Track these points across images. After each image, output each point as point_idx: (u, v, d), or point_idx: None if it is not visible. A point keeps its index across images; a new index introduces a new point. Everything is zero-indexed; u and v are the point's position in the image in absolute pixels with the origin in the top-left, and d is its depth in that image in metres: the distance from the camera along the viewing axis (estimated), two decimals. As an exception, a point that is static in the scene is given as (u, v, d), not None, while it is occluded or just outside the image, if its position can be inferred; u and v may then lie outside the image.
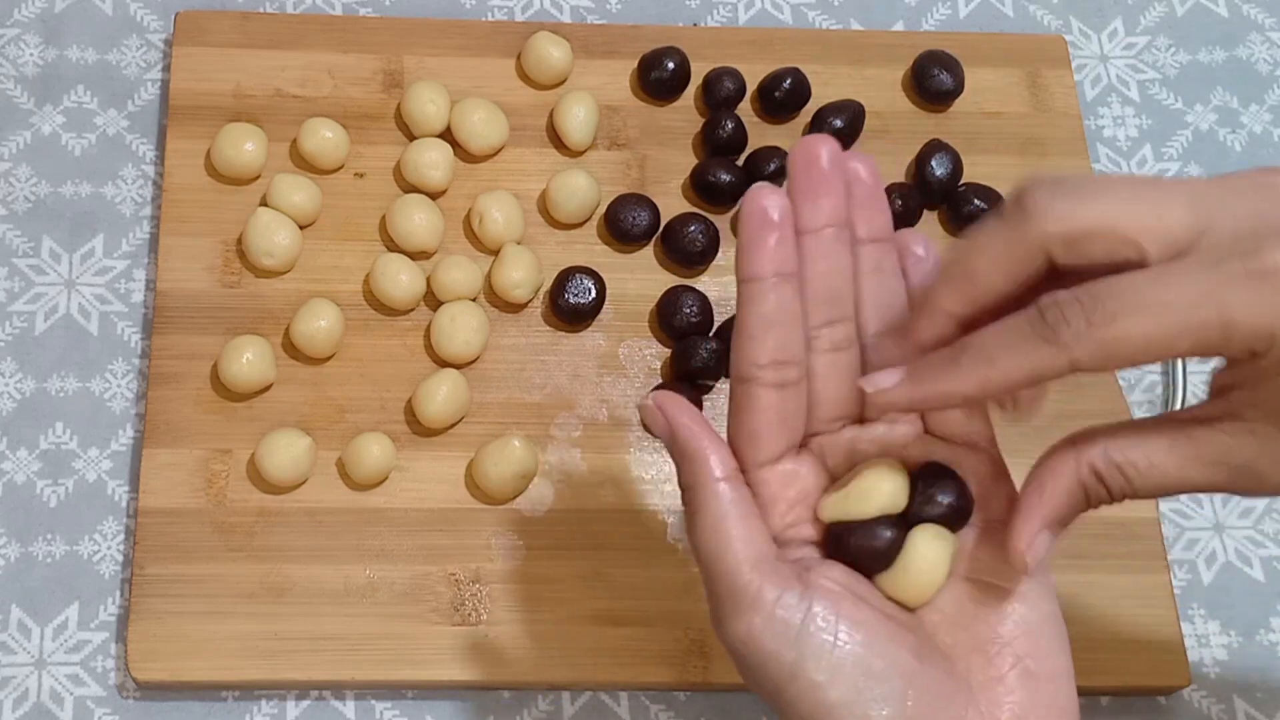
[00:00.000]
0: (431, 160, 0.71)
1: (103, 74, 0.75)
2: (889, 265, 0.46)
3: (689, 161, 0.74)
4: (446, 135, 0.72)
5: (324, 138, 0.71)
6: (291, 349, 0.68)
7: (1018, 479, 0.46)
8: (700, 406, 0.68)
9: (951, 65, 0.76)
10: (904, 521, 0.44)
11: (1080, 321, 0.39)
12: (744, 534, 0.44)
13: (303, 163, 0.72)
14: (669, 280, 0.71)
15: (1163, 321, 0.38)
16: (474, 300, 0.69)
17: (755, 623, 0.43)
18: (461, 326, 0.67)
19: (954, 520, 0.45)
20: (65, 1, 0.77)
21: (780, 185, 0.45)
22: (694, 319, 0.69)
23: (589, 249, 0.72)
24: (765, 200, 0.44)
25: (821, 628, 0.42)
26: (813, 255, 0.45)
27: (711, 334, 0.69)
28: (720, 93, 0.74)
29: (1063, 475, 0.43)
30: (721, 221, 0.72)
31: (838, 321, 0.46)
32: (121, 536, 0.66)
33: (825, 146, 0.45)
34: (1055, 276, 0.42)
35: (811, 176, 0.45)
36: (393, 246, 0.70)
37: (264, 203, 0.70)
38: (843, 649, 0.42)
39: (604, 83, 0.75)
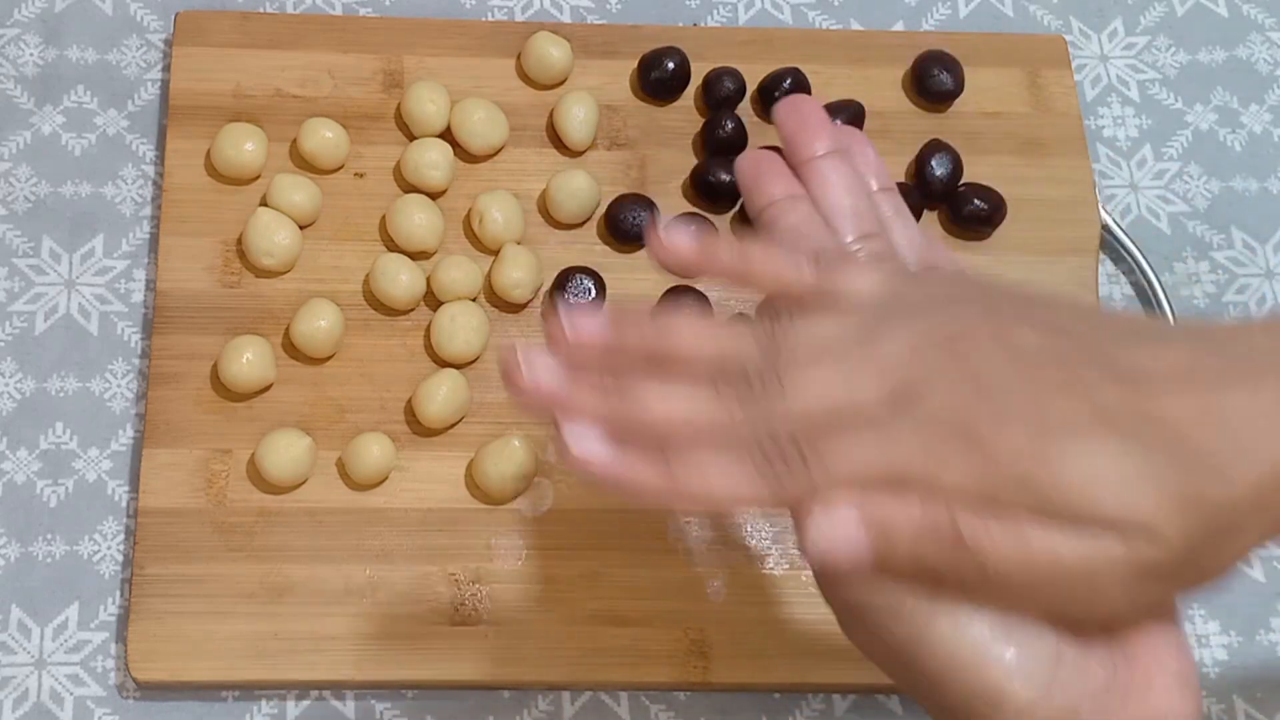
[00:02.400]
0: (431, 160, 0.71)
1: (103, 74, 0.75)
2: (906, 214, 0.47)
3: (689, 161, 0.74)
4: (446, 135, 0.72)
5: (324, 138, 0.71)
6: (291, 349, 0.68)
7: None
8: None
9: (951, 65, 0.76)
10: None
11: (796, 460, 0.39)
12: None
13: (303, 163, 0.72)
14: (669, 280, 0.71)
15: (873, 472, 0.38)
16: (474, 300, 0.69)
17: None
18: (461, 326, 0.67)
19: None
20: (65, 1, 0.77)
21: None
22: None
23: (589, 249, 0.72)
24: (756, 152, 0.46)
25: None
26: (821, 176, 0.46)
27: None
28: (720, 93, 0.74)
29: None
30: (721, 221, 0.72)
31: (872, 236, 0.46)
32: (121, 536, 0.66)
33: (811, 105, 0.47)
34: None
35: (802, 115, 0.47)
36: (393, 246, 0.70)
37: (264, 203, 0.70)
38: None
39: (604, 83, 0.75)
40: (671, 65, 0.74)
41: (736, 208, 0.73)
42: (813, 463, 0.38)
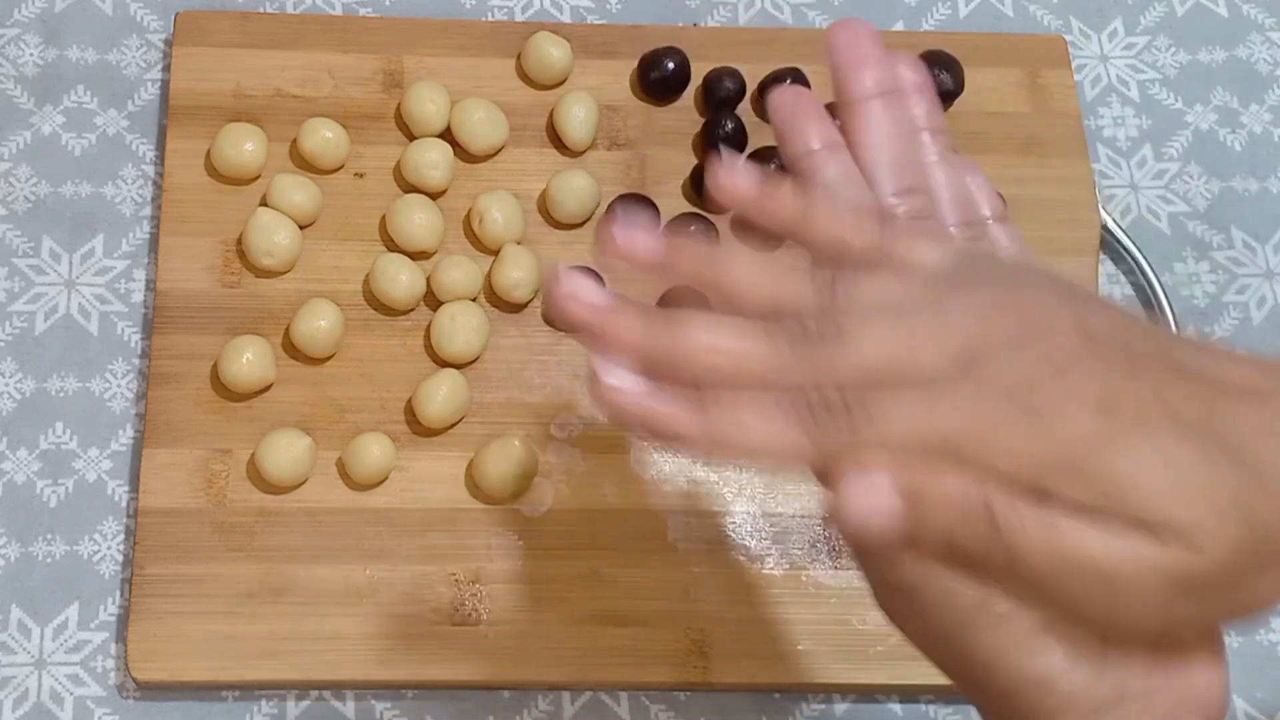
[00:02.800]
0: (431, 160, 0.71)
1: (103, 74, 0.75)
2: (955, 159, 0.45)
3: (689, 161, 0.74)
4: (446, 135, 0.72)
5: (324, 138, 0.71)
6: (291, 349, 0.68)
7: None
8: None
9: (951, 65, 0.76)
10: None
11: (845, 427, 0.36)
12: None
13: (303, 163, 0.72)
14: (669, 282, 0.71)
15: (922, 438, 0.36)
16: (474, 300, 0.69)
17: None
18: (461, 326, 0.67)
19: None
20: (65, 1, 0.77)
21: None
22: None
23: (589, 249, 0.72)
24: (792, 90, 0.43)
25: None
26: (866, 122, 0.44)
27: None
28: (720, 93, 0.74)
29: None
30: (721, 221, 0.72)
31: (914, 190, 0.44)
32: (121, 536, 0.66)
33: (866, 28, 0.44)
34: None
35: (857, 47, 0.43)
36: (393, 246, 0.70)
37: (264, 203, 0.70)
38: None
39: (604, 83, 0.75)
40: (671, 65, 0.74)
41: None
42: (860, 418, 0.36)
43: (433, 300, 0.69)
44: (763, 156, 0.73)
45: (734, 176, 0.42)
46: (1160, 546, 0.35)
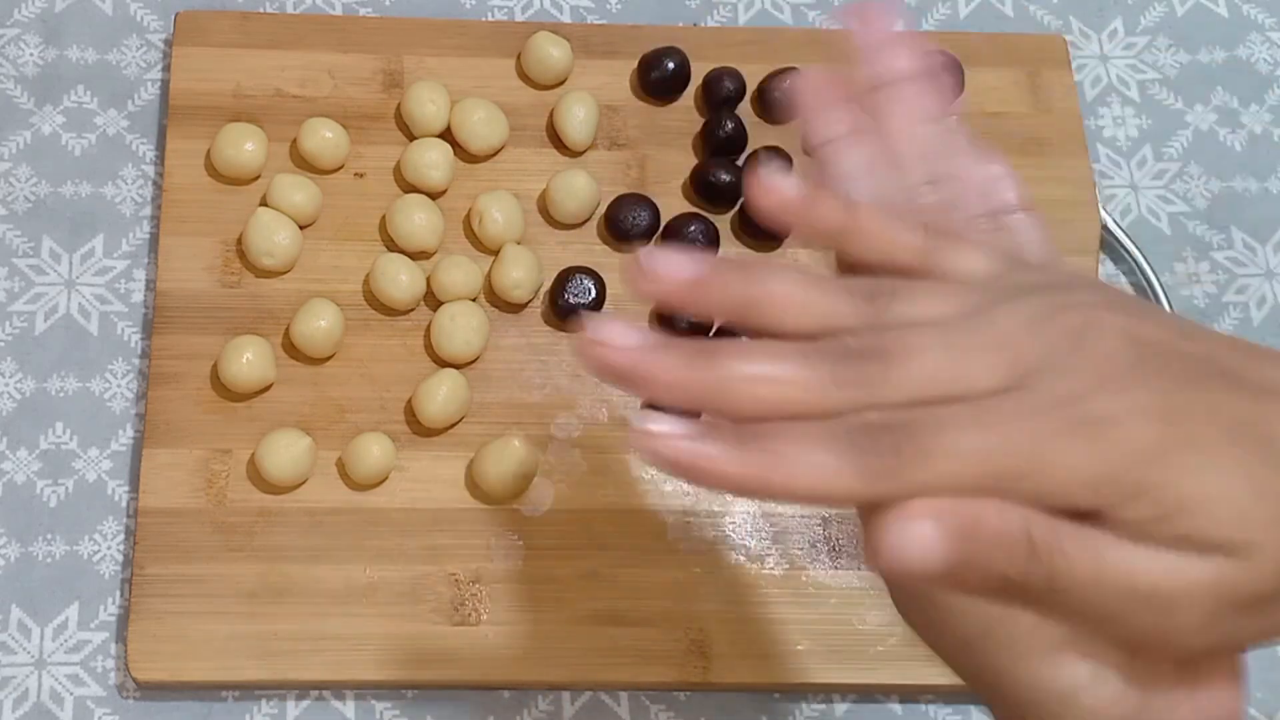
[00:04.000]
0: (431, 160, 0.71)
1: (103, 74, 0.75)
2: (980, 147, 0.44)
3: (689, 161, 0.74)
4: (446, 135, 0.72)
5: (324, 138, 0.71)
6: (291, 349, 0.68)
7: None
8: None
9: (951, 65, 0.76)
10: None
11: (891, 455, 0.34)
12: None
13: (303, 163, 0.72)
14: (669, 280, 0.71)
15: (977, 469, 0.34)
16: (474, 300, 0.69)
17: None
18: (461, 326, 0.67)
19: None
20: (65, 1, 0.77)
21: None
22: (694, 319, 0.69)
23: (589, 249, 0.72)
24: (817, 74, 0.42)
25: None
26: (898, 106, 0.42)
27: (711, 334, 0.69)
28: (720, 93, 0.74)
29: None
30: (721, 221, 0.72)
31: (941, 180, 0.43)
32: (121, 536, 0.66)
33: (891, 8, 0.43)
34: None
35: (884, 29, 0.43)
36: (393, 246, 0.70)
37: (264, 203, 0.70)
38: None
39: (604, 83, 0.75)
40: (671, 65, 0.74)
41: (736, 208, 0.73)
42: (909, 445, 0.34)
43: (433, 300, 0.69)
44: (763, 157, 0.73)
45: (773, 182, 0.40)
46: (1211, 564, 0.34)
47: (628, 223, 0.71)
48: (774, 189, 0.40)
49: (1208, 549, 0.34)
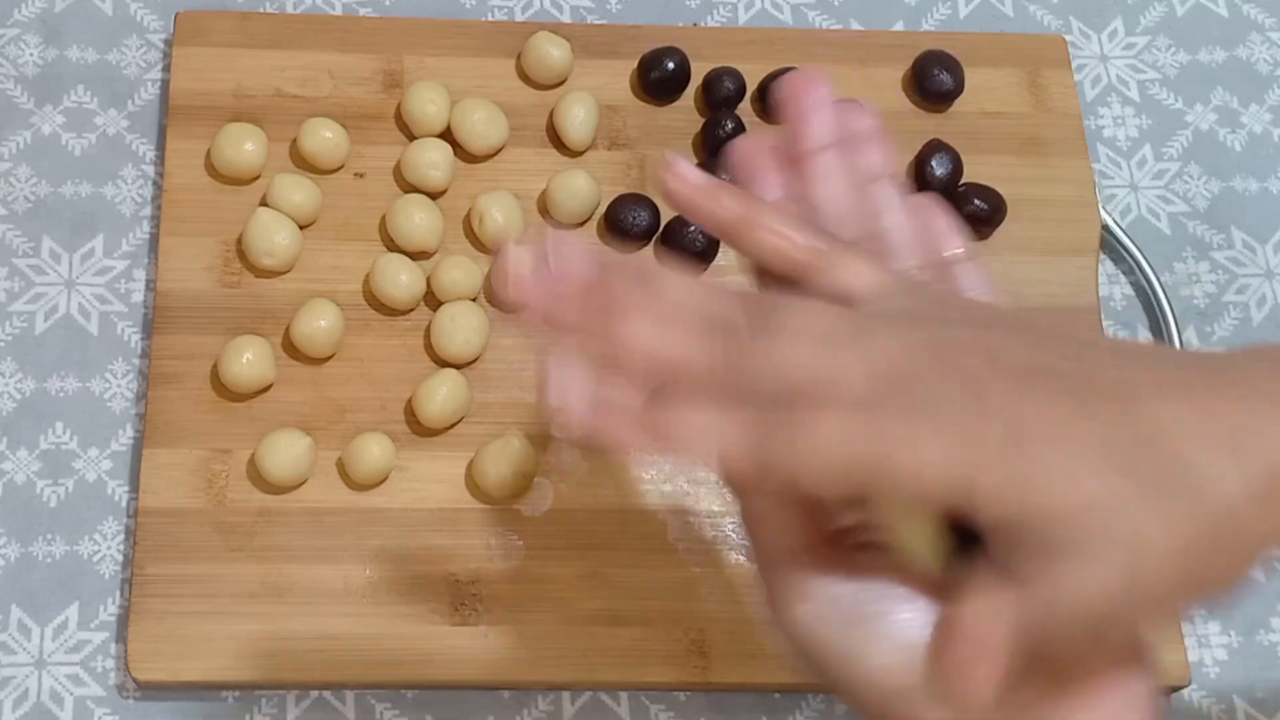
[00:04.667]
0: (431, 160, 0.71)
1: (103, 74, 0.75)
2: (917, 201, 0.45)
3: (689, 162, 0.74)
4: (446, 135, 0.72)
5: (324, 138, 0.71)
6: (291, 349, 0.68)
7: None
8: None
9: (951, 65, 0.76)
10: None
11: (782, 433, 0.37)
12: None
13: (303, 163, 0.72)
14: (669, 280, 0.71)
15: (840, 452, 0.37)
16: (474, 300, 0.69)
17: (807, 610, 0.40)
18: (461, 326, 0.67)
19: None
20: (65, 1, 0.77)
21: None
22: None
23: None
24: (750, 142, 0.44)
25: (879, 611, 0.39)
26: (822, 174, 0.44)
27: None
28: (720, 93, 0.75)
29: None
30: (721, 221, 0.72)
31: (871, 239, 0.44)
32: (121, 536, 0.66)
33: (816, 76, 0.45)
34: None
35: (807, 98, 0.44)
36: (393, 246, 0.70)
37: (264, 203, 0.70)
38: (905, 631, 0.39)
39: (604, 83, 0.75)
40: (671, 65, 0.74)
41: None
42: (794, 429, 0.37)
43: (433, 300, 0.69)
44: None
45: (679, 174, 0.43)
46: (1090, 565, 0.35)
47: (628, 223, 0.71)
48: (680, 174, 0.43)
49: (1075, 551, 0.35)
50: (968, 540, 0.38)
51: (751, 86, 0.75)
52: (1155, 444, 0.35)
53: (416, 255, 0.70)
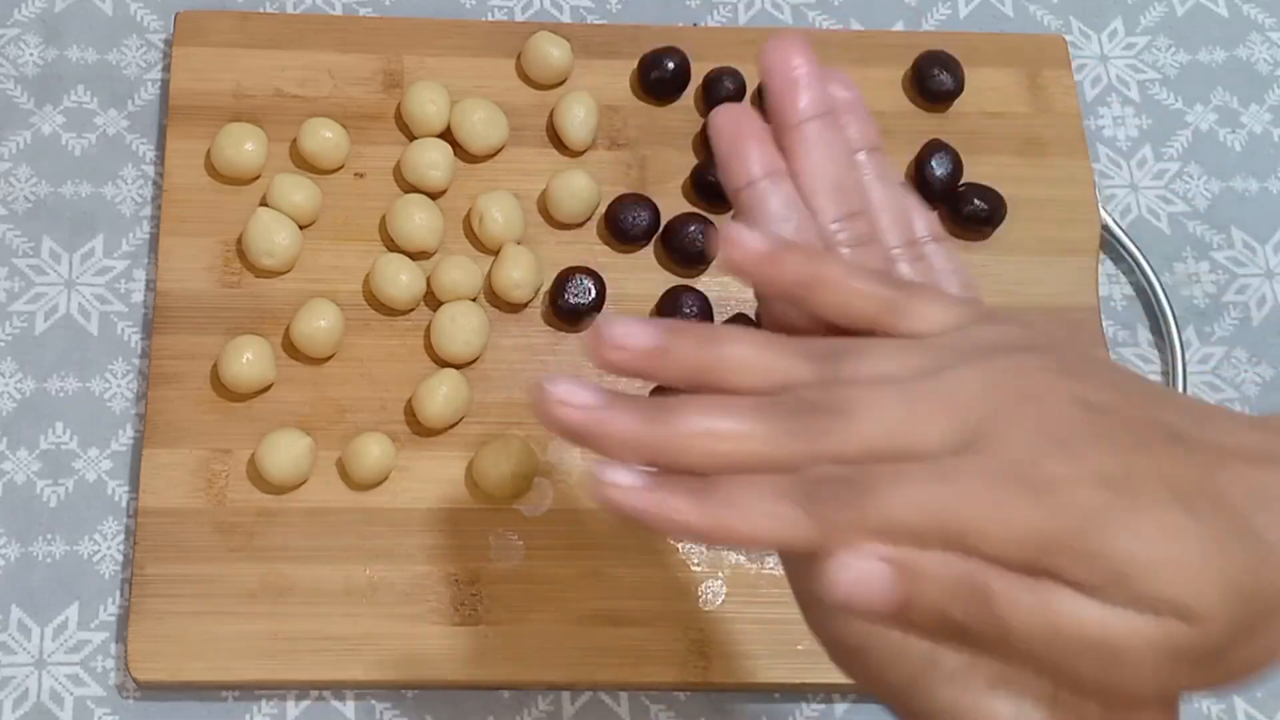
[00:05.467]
0: (431, 160, 0.71)
1: (103, 74, 0.75)
2: (892, 175, 0.45)
3: (689, 161, 0.74)
4: (446, 135, 0.72)
5: (324, 138, 0.71)
6: (291, 349, 0.68)
7: None
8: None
9: (951, 65, 0.76)
10: None
11: (845, 506, 0.36)
12: None
13: (303, 163, 0.72)
14: (669, 280, 0.71)
15: (925, 522, 0.35)
16: (474, 300, 0.69)
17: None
18: (461, 326, 0.67)
19: None
20: (65, 1, 0.77)
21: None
22: (694, 319, 0.69)
23: (589, 249, 0.72)
24: (735, 111, 0.43)
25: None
26: (804, 147, 0.43)
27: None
28: (720, 93, 0.74)
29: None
30: (721, 221, 0.72)
31: (855, 215, 0.43)
32: (121, 536, 0.66)
33: (797, 44, 0.44)
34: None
35: (789, 69, 0.44)
36: (393, 246, 0.70)
37: (264, 203, 0.70)
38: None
39: (604, 83, 0.75)
40: (671, 65, 0.74)
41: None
42: (862, 494, 0.35)
43: (433, 300, 0.69)
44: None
45: (740, 244, 0.41)
46: (1160, 623, 0.35)
47: (628, 223, 0.71)
48: (742, 244, 0.41)
49: (1152, 608, 0.34)
50: None
51: (751, 86, 0.75)
52: (1231, 520, 0.35)
53: (416, 255, 0.70)
